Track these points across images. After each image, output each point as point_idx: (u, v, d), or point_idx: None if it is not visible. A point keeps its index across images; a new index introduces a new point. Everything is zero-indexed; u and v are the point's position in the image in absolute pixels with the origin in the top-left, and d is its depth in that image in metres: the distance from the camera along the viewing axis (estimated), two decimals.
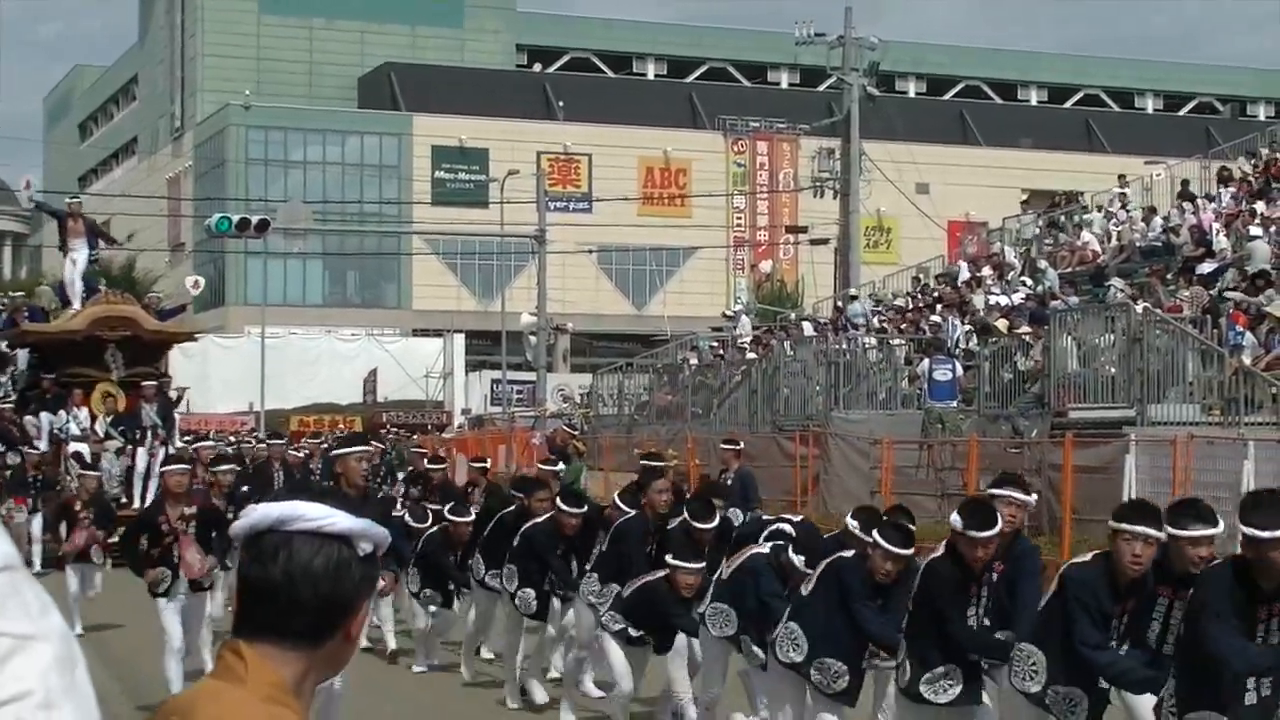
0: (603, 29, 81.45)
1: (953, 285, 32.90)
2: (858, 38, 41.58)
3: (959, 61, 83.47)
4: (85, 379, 26.44)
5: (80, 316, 26.23)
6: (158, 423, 25.20)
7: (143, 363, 26.84)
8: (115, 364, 26.28)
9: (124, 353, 26.36)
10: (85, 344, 26.10)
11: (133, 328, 26.41)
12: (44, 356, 27.31)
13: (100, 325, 26.14)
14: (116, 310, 26.66)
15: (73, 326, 26.26)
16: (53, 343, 26.80)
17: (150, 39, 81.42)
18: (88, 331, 26.00)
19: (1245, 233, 25.83)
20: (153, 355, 27.53)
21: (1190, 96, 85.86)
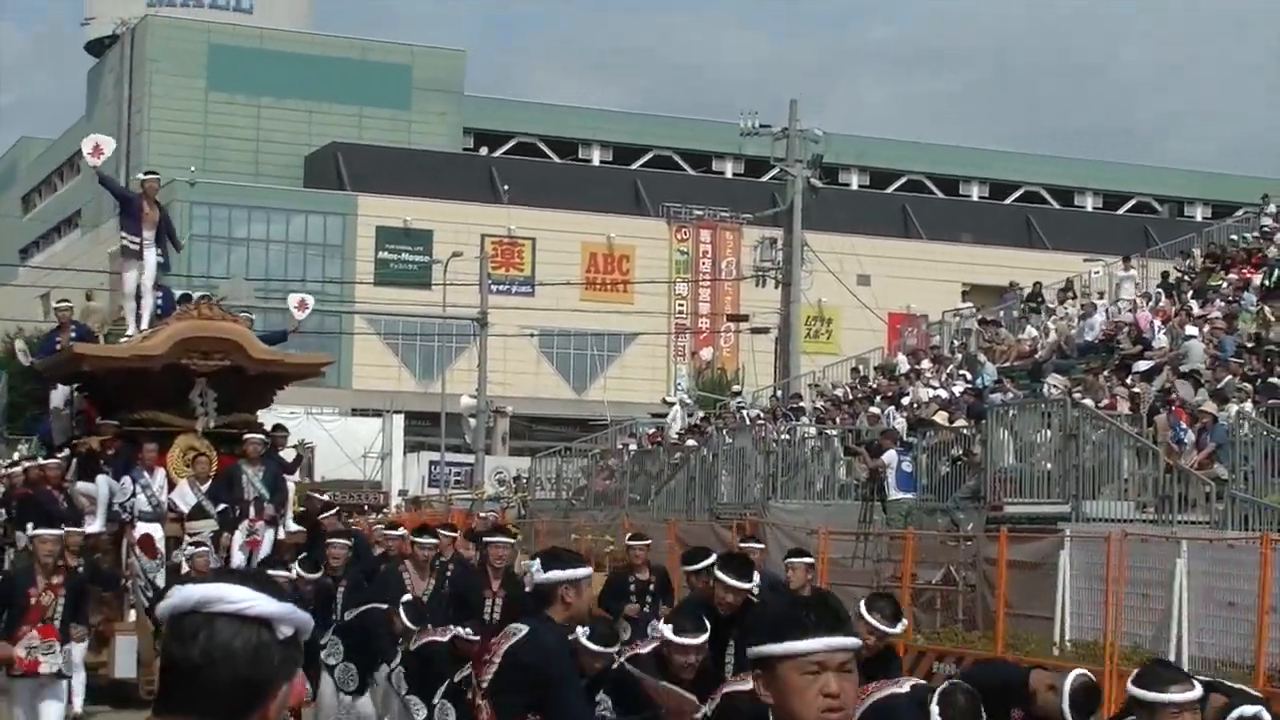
0: (549, 114, 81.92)
1: (891, 377, 33.06)
2: (802, 130, 41.94)
3: (902, 156, 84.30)
4: (162, 428, 18.47)
5: (160, 338, 18.18)
6: (263, 494, 17.89)
7: (244, 406, 19.14)
8: (205, 407, 18.62)
9: (218, 391, 18.60)
10: (164, 377, 18.23)
11: (234, 355, 18.45)
12: (101, 394, 19.38)
13: (188, 350, 18.20)
14: (212, 329, 18.46)
15: (148, 350, 18.16)
16: (117, 374, 18.41)
17: (98, 112, 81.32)
18: (169, 358, 18.06)
19: (1181, 331, 26.10)
20: (257, 395, 19.62)
21: (1129, 196, 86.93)
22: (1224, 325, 25.81)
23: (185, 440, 18.44)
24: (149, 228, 19.13)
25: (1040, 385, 26.87)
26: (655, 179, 77.52)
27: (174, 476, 18.10)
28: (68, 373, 19.83)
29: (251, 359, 18.69)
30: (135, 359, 18.26)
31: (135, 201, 19.34)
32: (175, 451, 18.33)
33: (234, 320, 19.41)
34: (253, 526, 17.91)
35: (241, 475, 17.91)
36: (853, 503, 25.19)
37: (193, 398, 18.62)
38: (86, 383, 19.79)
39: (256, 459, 18.11)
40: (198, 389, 18.56)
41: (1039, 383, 27.70)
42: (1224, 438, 20.19)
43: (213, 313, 18.92)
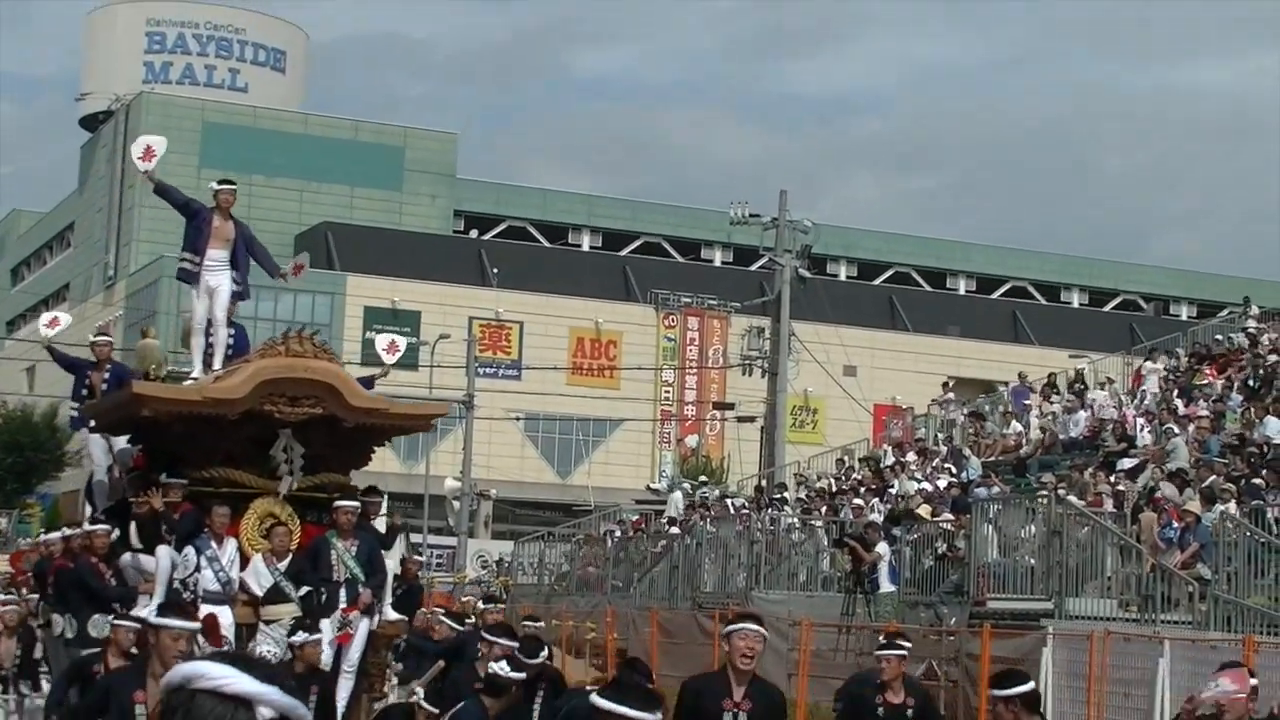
0: (541, 199, 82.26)
1: (876, 469, 33.07)
2: (791, 220, 42.16)
3: (890, 248, 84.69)
4: (235, 489, 14.94)
5: (239, 378, 14.78)
6: (357, 574, 14.67)
7: (335, 465, 15.58)
8: (290, 465, 15.11)
9: (306, 446, 15.13)
10: (242, 426, 14.84)
11: (328, 402, 14.96)
12: (161, 446, 15.73)
13: (272, 394, 14.79)
14: (304, 369, 14.93)
15: (226, 393, 14.67)
16: (184, 421, 14.86)
17: (90, 187, 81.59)
18: (249, 404, 14.69)
19: (1167, 430, 26.16)
20: (352, 452, 15.95)
21: (1115, 293, 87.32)
22: (1209, 425, 25.89)
23: (263, 505, 14.98)
24: (219, 246, 15.77)
25: (1025, 480, 26.91)
26: (644, 265, 77.77)
27: (247, 549, 14.70)
28: (118, 419, 16.12)
29: (349, 407, 14.99)
30: (209, 403, 14.61)
31: (203, 215, 15.79)
32: (250, 519, 14.90)
33: (330, 359, 15.43)
34: (344, 616, 14.58)
35: (330, 551, 14.64)
36: (836, 594, 25.13)
37: (275, 453, 15.00)
38: (142, 431, 16.00)
39: (349, 531, 14.80)
40: (281, 442, 15.00)
41: (1024, 478, 27.75)
42: (1207, 538, 20.21)
43: (304, 349, 15.06)
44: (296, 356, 14.95)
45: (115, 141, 77.16)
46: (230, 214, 15.85)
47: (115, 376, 16.82)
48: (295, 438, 14.94)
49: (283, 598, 14.32)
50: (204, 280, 15.65)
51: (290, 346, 15.06)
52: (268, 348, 15.12)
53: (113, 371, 17.12)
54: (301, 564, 14.53)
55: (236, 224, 15.88)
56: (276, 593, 14.36)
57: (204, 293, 15.72)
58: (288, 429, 14.88)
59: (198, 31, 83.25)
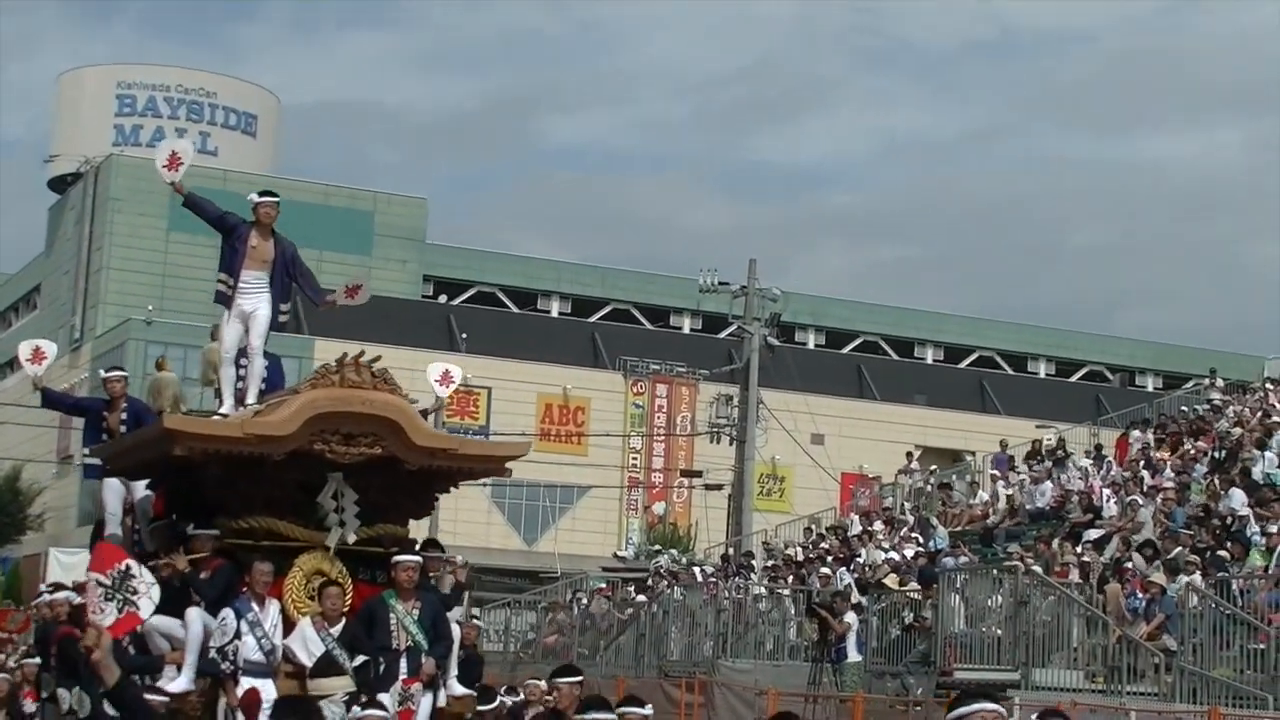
0: (510, 265, 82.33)
1: (843, 538, 33.04)
2: (760, 288, 42.27)
3: (858, 317, 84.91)
4: (278, 542, 13.04)
5: (287, 412, 12.79)
6: (420, 642, 12.76)
7: (394, 514, 13.69)
8: (342, 514, 13.15)
9: (361, 492, 13.23)
10: (287, 469, 12.96)
11: (389, 440, 13.10)
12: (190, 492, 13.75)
13: (324, 431, 12.90)
14: (363, 402, 13.04)
15: (272, 428, 12.74)
16: (221, 463, 12.91)
17: (57, 249, 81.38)
18: (298, 441, 12.79)
19: (1132, 502, 26.22)
20: (414, 499, 14.03)
21: (1081, 364, 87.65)
22: (1175, 496, 25.95)
23: (310, 561, 12.95)
24: (257, 267, 13.94)
25: (992, 550, 26.92)
26: (613, 332, 77.81)
27: (293, 612, 12.74)
28: (142, 460, 14.06)
29: (413, 447, 13.04)
30: (252, 440, 12.56)
31: (240, 231, 14.14)
32: (296, 577, 12.84)
33: (391, 390, 13.26)
34: (406, 689, 12.70)
35: (389, 614, 12.74)
36: (802, 663, 25.04)
37: (324, 500, 13.02)
38: (169, 475, 13.93)
39: (410, 591, 12.79)
40: (332, 488, 13.02)
41: (990, 547, 27.77)
42: (1173, 609, 20.22)
43: (362, 378, 13.06)
44: (353, 387, 12.95)
45: (83, 204, 77.07)
46: (273, 230, 14.15)
47: (133, 415, 15.21)
48: (348, 482, 13.07)
49: (335, 669, 12.49)
50: (238, 304, 13.84)
51: (345, 375, 13.00)
52: (319, 377, 13.11)
53: (130, 410, 15.37)
54: (356, 629, 12.67)
55: (278, 241, 14.11)
56: (328, 663, 12.49)
57: (236, 318, 13.87)
58: (339, 472, 13.00)
59: (168, 95, 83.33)
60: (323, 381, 13.14)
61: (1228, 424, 30.92)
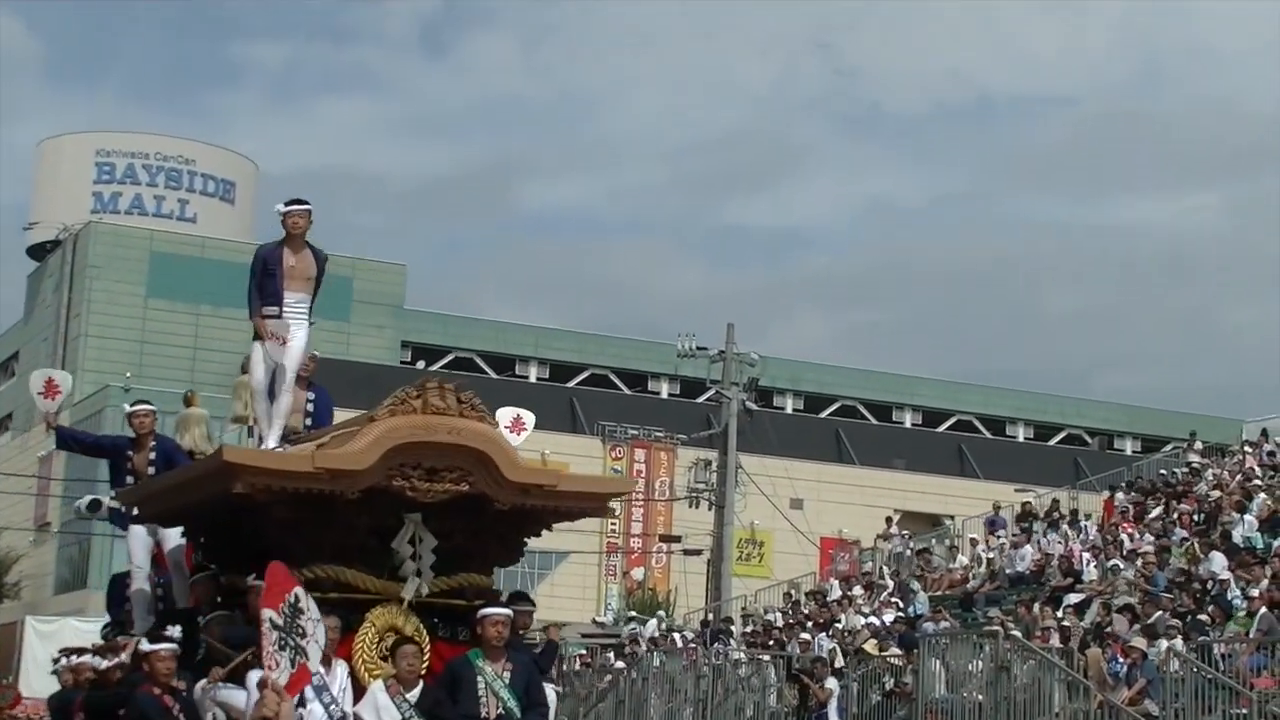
0: (488, 331, 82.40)
1: (823, 603, 32.96)
2: (738, 353, 42.33)
3: (836, 381, 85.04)
4: (346, 595, 11.42)
5: (364, 442, 11.13)
6: (513, 708, 11.24)
7: (478, 561, 12.07)
8: (419, 561, 11.54)
9: (441, 536, 11.64)
10: (358, 509, 11.33)
11: (478, 476, 11.47)
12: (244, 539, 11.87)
13: (403, 465, 11.29)
14: (449, 431, 11.37)
15: (347, 461, 11.09)
16: (290, 502, 11.22)
17: (36, 316, 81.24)
18: (376, 477, 11.18)
19: (1113, 566, 26.22)
20: (502, 544, 12.36)
21: (1060, 428, 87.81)
22: (1155, 560, 25.96)
23: (383, 616, 11.32)
24: (299, 288, 12.37)
25: (972, 615, 26.87)
26: (591, 397, 77.80)
27: (363, 675, 11.12)
28: (177, 506, 12.51)
29: (506, 483, 11.45)
30: (325, 475, 10.91)
31: (272, 256, 12.39)
32: (367, 634, 11.24)
33: (481, 417, 11.60)
34: None
35: (476, 677, 11.14)
36: None
37: (399, 545, 11.40)
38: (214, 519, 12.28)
39: (499, 650, 11.22)
40: (409, 531, 11.40)
41: (970, 612, 27.72)
42: (1154, 674, 20.18)
43: (447, 404, 11.35)
44: (437, 414, 11.27)
45: (62, 271, 77.03)
46: (307, 241, 12.49)
47: (164, 455, 13.79)
48: (427, 525, 11.45)
49: None
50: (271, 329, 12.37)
51: (429, 400, 11.28)
52: (398, 402, 11.36)
53: (160, 449, 13.95)
54: (437, 694, 11.03)
55: (315, 253, 12.56)
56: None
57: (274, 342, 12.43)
58: (418, 513, 11.37)
59: (147, 162, 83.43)
60: (402, 408, 11.30)
61: (1207, 487, 30.97)
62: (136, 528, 13.76)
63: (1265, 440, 34.75)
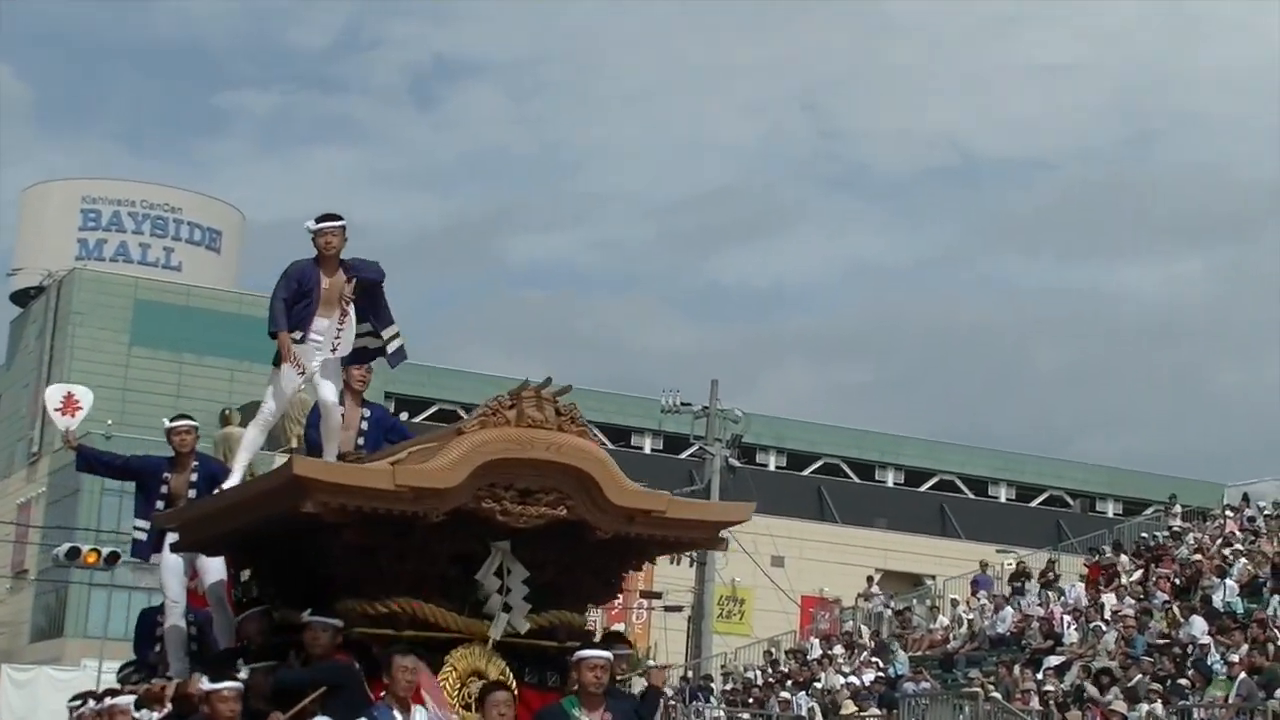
0: (472, 383, 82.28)
1: (803, 662, 32.86)
2: (722, 409, 42.34)
3: (819, 439, 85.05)
4: (424, 633, 10.05)
5: (450, 457, 9.75)
6: None
7: (570, 597, 10.80)
8: (507, 595, 10.24)
9: (534, 568, 10.35)
10: (441, 534, 10.01)
11: (578, 499, 10.22)
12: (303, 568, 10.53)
13: (494, 485, 9.95)
14: (547, 446, 10.07)
15: (433, 479, 9.71)
16: (364, 525, 9.79)
17: (18, 363, 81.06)
18: (464, 497, 9.83)
19: (1093, 627, 26.18)
20: (600, 577, 11.12)
21: (1042, 489, 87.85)
22: (1135, 623, 25.92)
23: (465, 658, 9.91)
24: (329, 311, 11.33)
25: (952, 676, 26.79)
26: None
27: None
28: (222, 532, 10.97)
29: (610, 508, 10.16)
30: (407, 494, 9.48)
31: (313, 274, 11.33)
32: (448, 678, 9.86)
33: (582, 431, 10.24)
34: None
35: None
36: None
37: (485, 578, 9.98)
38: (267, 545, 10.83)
39: (598, 698, 9.66)
40: (497, 561, 9.98)
41: (951, 673, 27.64)
42: None
43: (545, 416, 9.92)
44: (534, 427, 9.82)
45: (45, 318, 76.92)
46: (340, 260, 11.43)
47: (207, 476, 12.38)
48: (516, 554, 10.03)
49: None
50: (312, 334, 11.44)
51: (525, 411, 9.80)
52: (490, 413, 9.90)
53: (202, 470, 12.57)
54: None
55: (347, 269, 11.44)
56: None
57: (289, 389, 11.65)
58: (506, 541, 9.94)
59: (133, 210, 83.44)
60: (494, 419, 9.85)
61: (1188, 551, 30.96)
62: (171, 558, 12.22)
63: (1246, 505, 34.77)
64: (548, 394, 10.05)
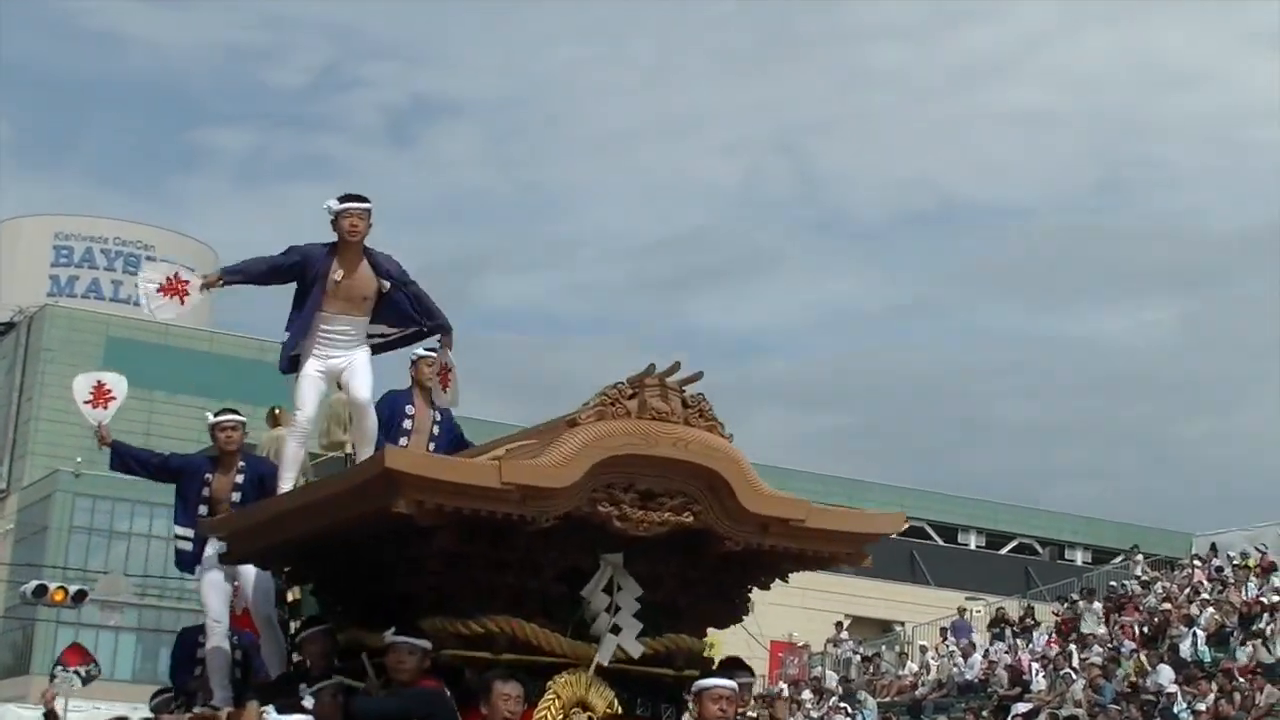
0: None
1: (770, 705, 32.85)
2: None
3: (789, 485, 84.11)
4: (521, 657, 8.45)
5: (563, 452, 8.15)
6: None
7: (689, 618, 9.33)
8: (617, 615, 8.68)
9: (649, 584, 8.84)
10: (549, 541, 8.49)
11: (706, 502, 8.64)
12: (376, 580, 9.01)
13: (610, 486, 8.41)
14: (674, 442, 8.50)
15: (545, 477, 8.13)
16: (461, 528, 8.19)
17: None
18: (578, 499, 8.28)
19: (1061, 674, 26.26)
20: (717, 599, 9.58)
21: (1012, 537, 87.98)
22: (1102, 671, 26.01)
23: (568, 686, 8.41)
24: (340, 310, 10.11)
25: None
26: None
27: None
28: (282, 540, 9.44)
29: (743, 514, 8.71)
30: (515, 494, 8.07)
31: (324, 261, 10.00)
32: (550, 708, 8.37)
33: (712, 424, 8.71)
34: None
35: None
36: None
37: (591, 594, 8.61)
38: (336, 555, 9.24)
39: None
40: (606, 575, 8.62)
41: (919, 719, 27.69)
42: None
43: (670, 407, 8.54)
44: (659, 419, 8.42)
45: (16, 354, 76.75)
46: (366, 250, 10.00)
47: (255, 478, 10.97)
48: (628, 567, 8.62)
49: None
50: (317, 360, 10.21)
51: (648, 401, 8.40)
52: (608, 403, 8.40)
53: (250, 471, 11.11)
54: None
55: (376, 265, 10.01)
56: None
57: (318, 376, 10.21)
58: (619, 553, 8.55)
59: (106, 246, 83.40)
60: (612, 410, 8.39)
61: (1156, 600, 31.08)
62: (213, 574, 10.69)
63: (1214, 555, 34.92)
64: (674, 383, 8.64)
